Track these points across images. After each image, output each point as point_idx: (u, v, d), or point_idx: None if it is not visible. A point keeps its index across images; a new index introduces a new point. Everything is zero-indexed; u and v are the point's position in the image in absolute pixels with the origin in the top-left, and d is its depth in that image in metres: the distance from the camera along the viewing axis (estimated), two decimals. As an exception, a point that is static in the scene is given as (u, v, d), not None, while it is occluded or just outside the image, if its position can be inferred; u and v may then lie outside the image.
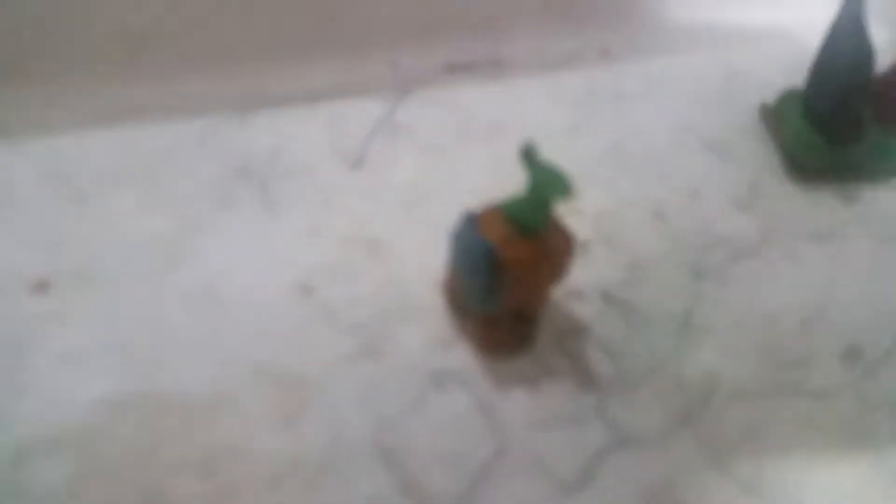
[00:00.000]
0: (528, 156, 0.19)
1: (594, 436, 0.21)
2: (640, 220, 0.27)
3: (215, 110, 0.27)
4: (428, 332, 0.23)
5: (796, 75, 0.28)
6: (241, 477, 0.19)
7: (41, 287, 0.22)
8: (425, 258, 0.24)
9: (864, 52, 0.26)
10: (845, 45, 0.26)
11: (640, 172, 0.28)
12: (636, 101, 0.30)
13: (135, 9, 0.26)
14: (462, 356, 0.22)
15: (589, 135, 0.28)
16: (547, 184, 0.19)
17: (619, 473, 0.21)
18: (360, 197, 0.26)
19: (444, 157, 0.27)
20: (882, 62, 0.27)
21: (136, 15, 0.26)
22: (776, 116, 0.29)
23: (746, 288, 0.25)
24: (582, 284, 0.24)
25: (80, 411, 0.20)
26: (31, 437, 0.19)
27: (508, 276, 0.20)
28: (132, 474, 0.19)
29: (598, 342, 0.23)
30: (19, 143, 0.25)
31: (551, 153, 0.20)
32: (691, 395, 0.22)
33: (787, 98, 0.29)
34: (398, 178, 0.26)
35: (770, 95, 0.29)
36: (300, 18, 0.28)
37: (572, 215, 0.26)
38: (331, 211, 0.25)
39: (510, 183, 0.20)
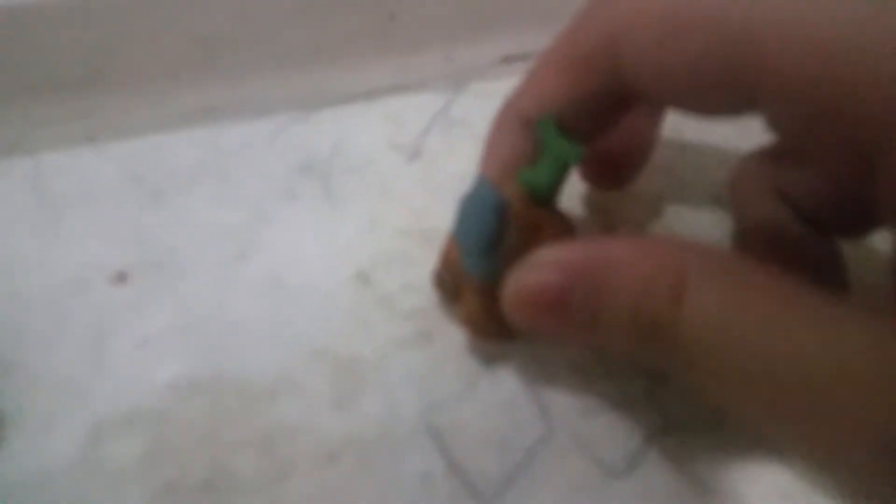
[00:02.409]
0: (545, 126, 0.20)
1: (643, 422, 0.21)
2: (699, 204, 0.26)
3: (282, 110, 0.28)
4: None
5: None
6: (300, 453, 0.20)
7: (120, 278, 0.23)
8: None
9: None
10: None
11: (700, 156, 0.28)
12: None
13: (205, 18, 0.28)
14: (514, 343, 0.23)
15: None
16: (562, 151, 0.19)
17: (667, 460, 0.21)
18: (416, 189, 0.26)
19: (499, 147, 0.28)
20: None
21: (207, 24, 0.28)
22: None
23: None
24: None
25: (153, 393, 0.21)
26: (107, 415, 0.21)
27: (513, 231, 0.20)
28: (198, 452, 0.20)
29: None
30: (102, 146, 0.27)
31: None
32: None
33: None
34: (454, 170, 0.27)
35: None
36: (359, 20, 0.29)
37: (628, 200, 0.26)
38: (388, 203, 0.26)
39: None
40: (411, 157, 0.27)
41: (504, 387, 0.22)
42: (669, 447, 0.21)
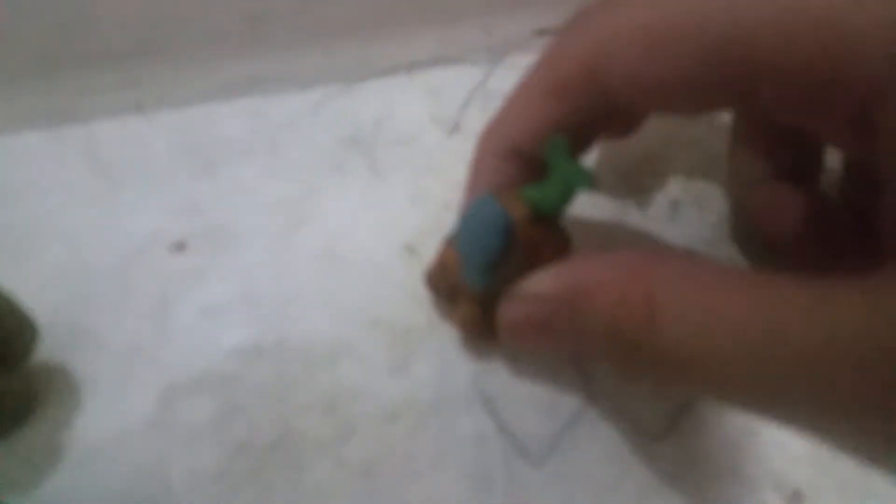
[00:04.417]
0: (557, 147, 0.20)
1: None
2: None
3: (326, 81, 0.29)
4: (524, 290, 0.24)
5: None
6: (361, 415, 0.22)
7: (179, 247, 0.24)
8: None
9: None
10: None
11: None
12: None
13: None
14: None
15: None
16: (572, 175, 0.20)
17: (700, 426, 0.22)
18: (457, 162, 0.27)
19: (535, 120, 0.29)
20: None
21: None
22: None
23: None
24: (668, 242, 0.26)
25: (219, 358, 0.22)
26: (178, 378, 0.22)
27: (517, 250, 0.20)
28: (266, 413, 0.22)
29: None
30: (151, 114, 0.27)
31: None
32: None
33: None
34: (493, 144, 0.28)
35: None
36: (400, -8, 0.29)
37: (661, 176, 0.27)
38: (431, 176, 0.27)
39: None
40: (452, 130, 0.28)
41: (547, 355, 0.23)
42: (703, 413, 0.22)
